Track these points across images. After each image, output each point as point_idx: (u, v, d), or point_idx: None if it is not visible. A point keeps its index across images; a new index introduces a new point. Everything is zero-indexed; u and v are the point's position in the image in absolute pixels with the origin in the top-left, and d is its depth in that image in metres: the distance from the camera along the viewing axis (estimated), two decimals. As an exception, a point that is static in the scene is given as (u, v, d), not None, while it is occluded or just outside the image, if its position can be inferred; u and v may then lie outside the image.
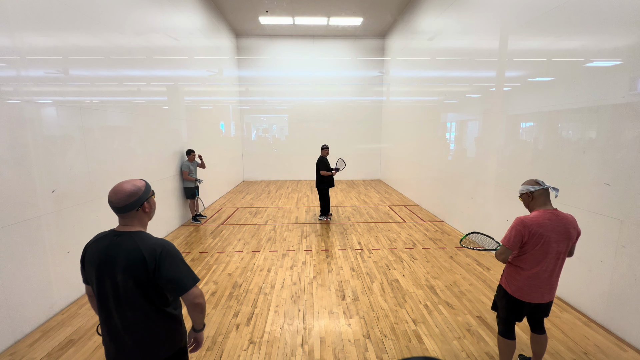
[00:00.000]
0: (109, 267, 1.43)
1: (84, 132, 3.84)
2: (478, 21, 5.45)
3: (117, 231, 1.49)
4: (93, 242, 1.50)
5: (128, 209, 1.47)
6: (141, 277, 1.42)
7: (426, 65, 7.89)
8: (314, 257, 4.87)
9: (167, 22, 6.12)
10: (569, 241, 2.08)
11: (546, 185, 2.12)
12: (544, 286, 2.15)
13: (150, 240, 1.47)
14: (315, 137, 12.50)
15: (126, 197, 1.46)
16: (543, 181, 2.15)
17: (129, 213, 1.48)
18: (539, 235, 2.05)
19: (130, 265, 1.41)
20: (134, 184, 1.50)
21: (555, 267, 2.13)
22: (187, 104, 7.09)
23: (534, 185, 2.13)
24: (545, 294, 2.17)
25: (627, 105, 2.89)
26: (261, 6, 9.26)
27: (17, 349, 2.81)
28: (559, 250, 2.09)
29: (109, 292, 1.44)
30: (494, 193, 4.98)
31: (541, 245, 2.07)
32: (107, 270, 1.43)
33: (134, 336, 1.47)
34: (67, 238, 3.52)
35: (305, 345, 2.86)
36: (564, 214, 2.11)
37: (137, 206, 1.49)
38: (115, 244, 1.45)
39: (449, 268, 4.44)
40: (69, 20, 3.65)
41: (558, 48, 3.73)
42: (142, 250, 1.42)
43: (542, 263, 2.10)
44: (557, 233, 2.06)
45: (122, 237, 1.46)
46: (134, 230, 1.49)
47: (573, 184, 3.47)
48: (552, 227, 2.05)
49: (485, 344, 2.86)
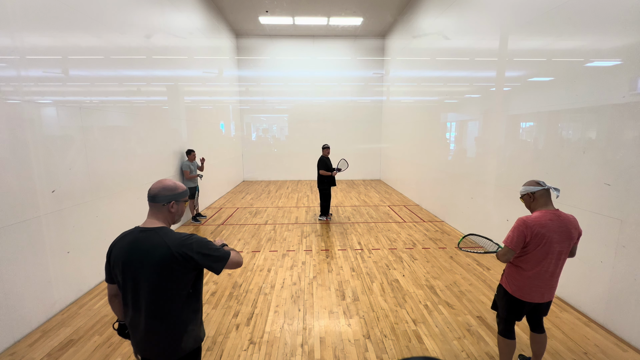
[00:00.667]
0: (136, 262, 1.46)
1: (84, 132, 3.84)
2: (478, 21, 5.45)
3: (143, 227, 1.52)
4: (119, 240, 1.53)
5: (158, 200, 1.53)
6: (167, 271, 1.45)
7: (426, 65, 7.89)
8: (314, 257, 4.87)
9: (167, 22, 6.12)
10: (570, 241, 2.08)
11: (547, 186, 2.11)
12: (544, 286, 2.15)
13: (174, 234, 1.51)
14: (315, 137, 12.50)
15: (161, 188, 1.54)
16: (544, 182, 2.15)
17: (157, 205, 1.54)
18: (542, 236, 2.04)
19: (158, 259, 1.44)
20: (174, 182, 1.60)
21: (556, 268, 2.13)
22: (187, 104, 7.09)
23: (535, 186, 2.13)
24: (546, 293, 2.17)
25: (627, 105, 2.89)
26: (261, 6, 9.26)
27: (17, 349, 2.81)
28: (561, 251, 2.08)
29: (136, 287, 1.47)
30: (494, 193, 4.98)
31: (543, 245, 2.06)
32: (135, 266, 1.46)
33: (159, 330, 1.51)
34: (67, 238, 3.52)
35: (305, 345, 2.86)
36: (565, 214, 2.11)
37: (165, 201, 1.54)
38: (142, 240, 1.48)
39: (449, 268, 4.44)
40: (69, 20, 3.65)
41: (558, 48, 3.73)
42: (169, 244, 1.46)
43: (542, 263, 2.10)
44: (559, 233, 2.05)
45: (147, 232, 1.50)
46: (158, 226, 1.53)
47: (573, 184, 3.47)
48: (554, 228, 2.05)
49: (485, 344, 2.86)
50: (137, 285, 1.47)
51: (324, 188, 6.68)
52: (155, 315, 1.49)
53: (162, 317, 1.49)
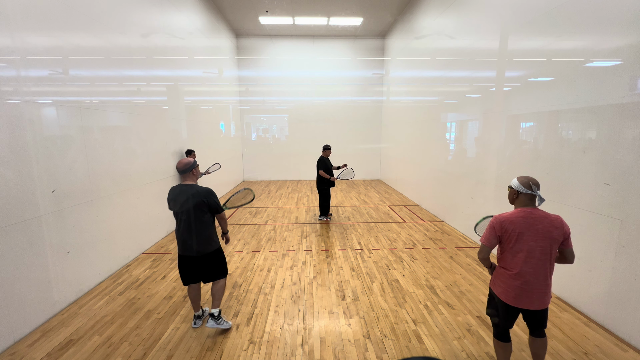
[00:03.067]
0: (182, 200, 2.79)
1: (84, 132, 3.84)
2: (478, 21, 5.45)
3: (184, 183, 2.86)
4: (173, 189, 2.88)
5: (187, 170, 2.84)
6: (197, 204, 2.79)
7: (426, 65, 7.89)
8: (314, 257, 4.87)
9: (167, 22, 6.12)
10: (549, 241, 2.05)
11: (537, 193, 2.11)
12: (532, 290, 2.10)
13: (199, 187, 2.84)
14: (315, 137, 12.50)
15: (186, 163, 2.84)
16: (537, 187, 2.12)
17: (187, 174, 2.85)
18: (511, 232, 2.09)
19: (193, 198, 2.77)
20: (188, 160, 2.86)
21: (541, 270, 2.08)
22: (187, 104, 7.09)
23: (526, 189, 2.12)
24: (535, 300, 2.11)
25: (627, 105, 2.89)
26: (261, 6, 9.26)
27: (17, 349, 2.81)
28: (539, 250, 2.05)
29: (183, 214, 2.80)
30: (494, 193, 4.98)
31: (515, 242, 2.09)
32: (181, 201, 2.80)
33: (198, 235, 2.83)
34: (67, 238, 3.52)
35: (305, 345, 2.86)
36: (545, 213, 2.09)
37: (189, 170, 2.85)
38: (186, 188, 2.81)
39: (449, 268, 4.44)
40: (69, 20, 3.65)
41: (558, 48, 3.73)
42: (199, 191, 2.80)
43: (523, 263, 2.08)
44: (531, 231, 2.05)
45: (187, 186, 2.83)
46: (190, 183, 2.87)
47: (573, 184, 3.47)
48: (525, 224, 2.07)
49: (485, 344, 2.86)
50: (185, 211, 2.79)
51: (323, 188, 6.64)
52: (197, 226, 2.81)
53: (199, 227, 2.83)
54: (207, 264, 2.93)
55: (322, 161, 6.53)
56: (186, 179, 2.85)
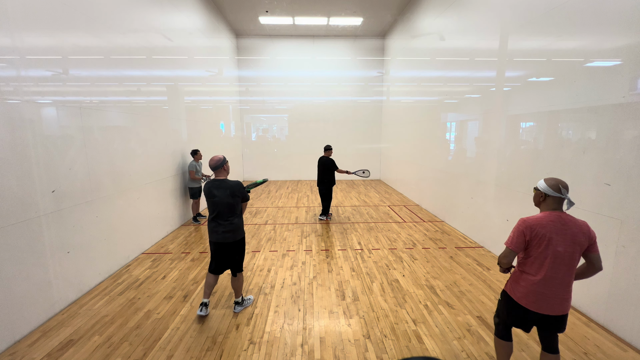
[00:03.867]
0: (217, 192, 3.12)
1: (84, 132, 3.84)
2: (478, 21, 5.45)
3: (216, 179, 3.20)
4: (207, 184, 3.18)
5: (218, 167, 3.16)
6: (229, 196, 3.13)
7: (426, 65, 7.89)
8: (314, 257, 4.87)
9: (167, 22, 6.12)
10: (577, 246, 1.96)
11: (566, 197, 2.01)
12: (553, 296, 2.02)
13: (231, 181, 3.17)
14: (315, 137, 12.50)
15: (217, 159, 3.16)
16: (566, 190, 2.01)
17: (219, 169, 3.18)
18: (542, 236, 1.98)
19: (227, 190, 3.12)
20: (219, 156, 3.18)
21: (565, 275, 2.00)
22: (187, 104, 7.09)
23: (555, 192, 2.01)
24: (556, 305, 2.03)
25: (627, 105, 2.89)
26: (261, 6, 9.26)
27: (17, 349, 2.81)
28: (567, 256, 1.98)
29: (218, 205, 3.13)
30: (494, 193, 4.98)
31: (544, 247, 1.99)
32: (216, 192, 3.13)
33: (230, 224, 3.19)
34: (67, 238, 3.52)
35: (305, 345, 2.86)
36: (572, 218, 2.00)
37: (221, 166, 3.18)
38: (219, 182, 3.15)
39: (449, 268, 4.44)
40: (69, 20, 3.65)
41: (558, 48, 3.73)
42: (231, 185, 3.15)
43: (548, 267, 2.00)
44: (560, 235, 1.97)
45: (221, 180, 3.17)
46: (223, 178, 3.21)
47: (573, 184, 3.47)
48: (555, 229, 1.98)
49: (485, 344, 2.86)
50: (218, 202, 3.13)
51: (324, 187, 6.62)
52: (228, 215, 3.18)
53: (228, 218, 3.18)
54: (234, 251, 3.29)
55: (330, 161, 6.49)
56: (219, 174, 3.20)
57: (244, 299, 3.52)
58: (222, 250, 3.25)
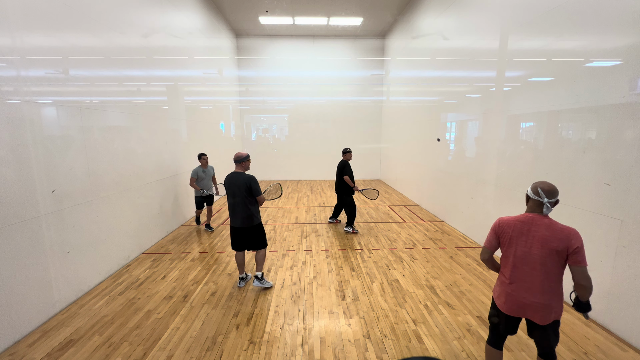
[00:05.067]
0: (232, 184, 3.62)
1: (84, 132, 3.84)
2: (478, 21, 5.45)
3: (234, 171, 3.70)
4: (228, 176, 3.66)
5: (240, 161, 3.70)
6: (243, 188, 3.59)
7: (426, 65, 7.89)
8: (314, 257, 4.87)
9: (167, 22, 6.12)
10: (546, 250, 1.90)
11: (544, 200, 1.97)
12: (523, 300, 1.99)
13: (245, 174, 3.63)
14: (315, 137, 12.51)
15: (239, 155, 3.70)
16: (546, 194, 1.97)
17: (238, 164, 3.70)
18: (504, 234, 2.05)
19: (242, 184, 3.58)
20: (241, 153, 3.71)
21: (532, 279, 1.95)
22: (187, 104, 7.09)
23: (533, 194, 2.02)
24: (529, 312, 1.99)
25: (627, 105, 2.89)
26: (261, 6, 9.26)
27: (17, 349, 2.81)
28: (532, 259, 1.94)
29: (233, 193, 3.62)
30: (494, 193, 4.98)
31: (507, 246, 2.05)
32: (232, 186, 3.62)
33: (243, 211, 3.65)
34: (67, 238, 3.52)
35: (305, 345, 2.86)
36: (548, 221, 1.94)
37: (242, 161, 3.70)
38: (236, 175, 3.63)
39: (449, 268, 4.44)
40: (69, 20, 3.65)
41: (558, 48, 3.73)
42: (244, 178, 3.60)
43: (512, 269, 2.02)
44: (523, 237, 1.98)
45: (238, 173, 3.65)
46: (240, 171, 3.69)
47: (573, 184, 3.47)
48: (519, 230, 2.00)
49: (485, 344, 2.86)
50: (234, 192, 3.62)
51: (347, 196, 5.96)
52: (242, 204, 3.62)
53: (244, 205, 3.62)
54: (251, 235, 3.75)
55: (347, 165, 5.87)
56: (236, 168, 3.72)
57: (264, 277, 3.90)
58: (241, 234, 3.74)
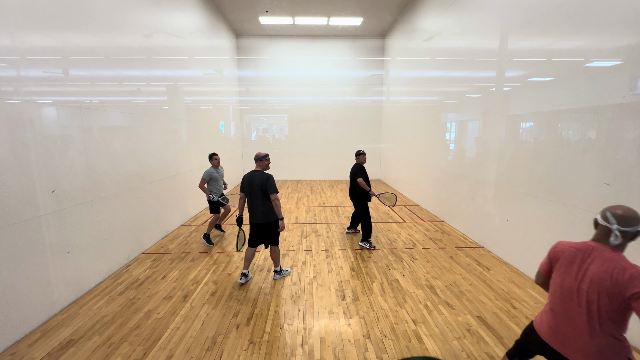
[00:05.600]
0: (251, 182, 3.79)
1: (84, 132, 3.84)
2: (478, 21, 5.45)
3: (254, 170, 3.87)
4: (247, 174, 3.86)
5: (258, 160, 3.90)
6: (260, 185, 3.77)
7: (426, 65, 7.89)
8: (314, 257, 4.87)
9: (167, 22, 6.12)
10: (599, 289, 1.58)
11: (613, 227, 1.61)
12: (559, 331, 1.75)
13: (264, 173, 3.84)
14: (315, 137, 12.51)
15: (256, 156, 3.90)
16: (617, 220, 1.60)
17: (259, 162, 3.89)
18: (556, 260, 1.82)
19: (259, 182, 3.78)
20: (262, 153, 3.91)
21: (579, 320, 1.65)
22: (187, 104, 7.09)
23: (602, 219, 1.68)
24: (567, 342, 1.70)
25: (627, 105, 2.89)
26: (261, 6, 9.26)
27: (17, 349, 2.81)
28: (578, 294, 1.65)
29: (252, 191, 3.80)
30: (494, 193, 4.98)
31: (556, 272, 1.81)
32: (251, 184, 3.79)
33: (261, 207, 3.83)
34: (67, 238, 3.52)
35: (305, 345, 2.87)
36: (612, 255, 1.60)
37: (260, 160, 3.90)
38: (255, 174, 3.81)
39: (449, 268, 4.44)
40: (69, 20, 3.65)
41: (558, 48, 3.73)
42: (263, 176, 3.80)
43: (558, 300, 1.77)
44: (574, 267, 1.70)
45: (257, 172, 3.84)
46: (260, 170, 3.89)
47: (573, 184, 3.47)
48: (571, 258, 1.72)
49: (485, 344, 2.86)
50: (252, 190, 3.79)
51: (363, 203, 5.19)
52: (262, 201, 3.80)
53: (262, 203, 3.81)
54: (269, 231, 3.94)
55: (361, 168, 5.16)
56: (257, 166, 3.91)
57: (282, 269, 4.22)
58: (260, 230, 3.92)
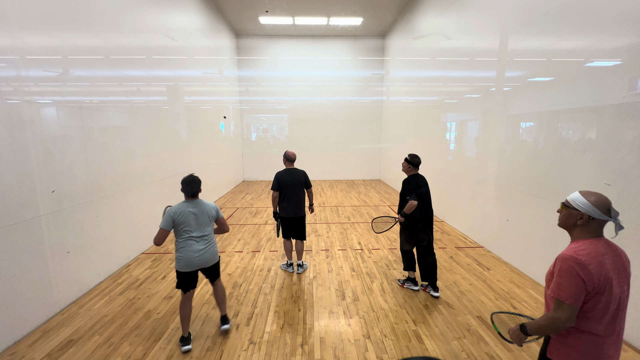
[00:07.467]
0: (292, 178, 4.13)
1: (84, 132, 3.84)
2: (478, 21, 5.45)
3: (290, 168, 4.19)
4: (282, 172, 4.15)
5: (294, 160, 4.21)
6: (300, 181, 4.17)
7: (426, 65, 7.89)
8: (314, 257, 4.87)
9: (167, 22, 6.12)
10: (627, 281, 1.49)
11: (618, 221, 1.47)
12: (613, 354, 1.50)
13: (301, 170, 4.25)
14: (315, 137, 12.51)
15: (293, 154, 4.22)
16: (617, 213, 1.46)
17: (294, 162, 4.21)
18: (604, 278, 1.42)
19: (300, 177, 4.18)
20: (288, 151, 4.21)
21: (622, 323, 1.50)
22: (187, 104, 7.09)
23: (603, 214, 1.45)
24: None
25: (627, 105, 2.89)
26: (261, 6, 9.26)
27: (17, 349, 2.81)
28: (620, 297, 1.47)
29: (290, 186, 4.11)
30: (494, 193, 4.98)
31: (606, 293, 1.43)
32: (291, 179, 4.12)
33: (299, 201, 4.19)
34: (67, 238, 3.52)
35: (305, 345, 2.87)
36: (609, 243, 1.50)
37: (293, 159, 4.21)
38: (293, 171, 4.17)
39: (449, 268, 4.44)
40: (69, 20, 3.65)
41: (558, 48, 3.73)
42: (302, 172, 4.24)
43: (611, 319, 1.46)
44: (617, 272, 1.46)
45: (295, 169, 4.19)
46: (294, 167, 4.22)
47: (573, 184, 3.47)
48: (612, 265, 1.45)
49: (485, 344, 2.86)
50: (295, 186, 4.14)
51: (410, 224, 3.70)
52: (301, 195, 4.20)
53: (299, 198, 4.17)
54: (300, 224, 4.28)
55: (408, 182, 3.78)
56: (292, 165, 4.24)
57: (303, 263, 4.47)
58: (292, 223, 4.22)
